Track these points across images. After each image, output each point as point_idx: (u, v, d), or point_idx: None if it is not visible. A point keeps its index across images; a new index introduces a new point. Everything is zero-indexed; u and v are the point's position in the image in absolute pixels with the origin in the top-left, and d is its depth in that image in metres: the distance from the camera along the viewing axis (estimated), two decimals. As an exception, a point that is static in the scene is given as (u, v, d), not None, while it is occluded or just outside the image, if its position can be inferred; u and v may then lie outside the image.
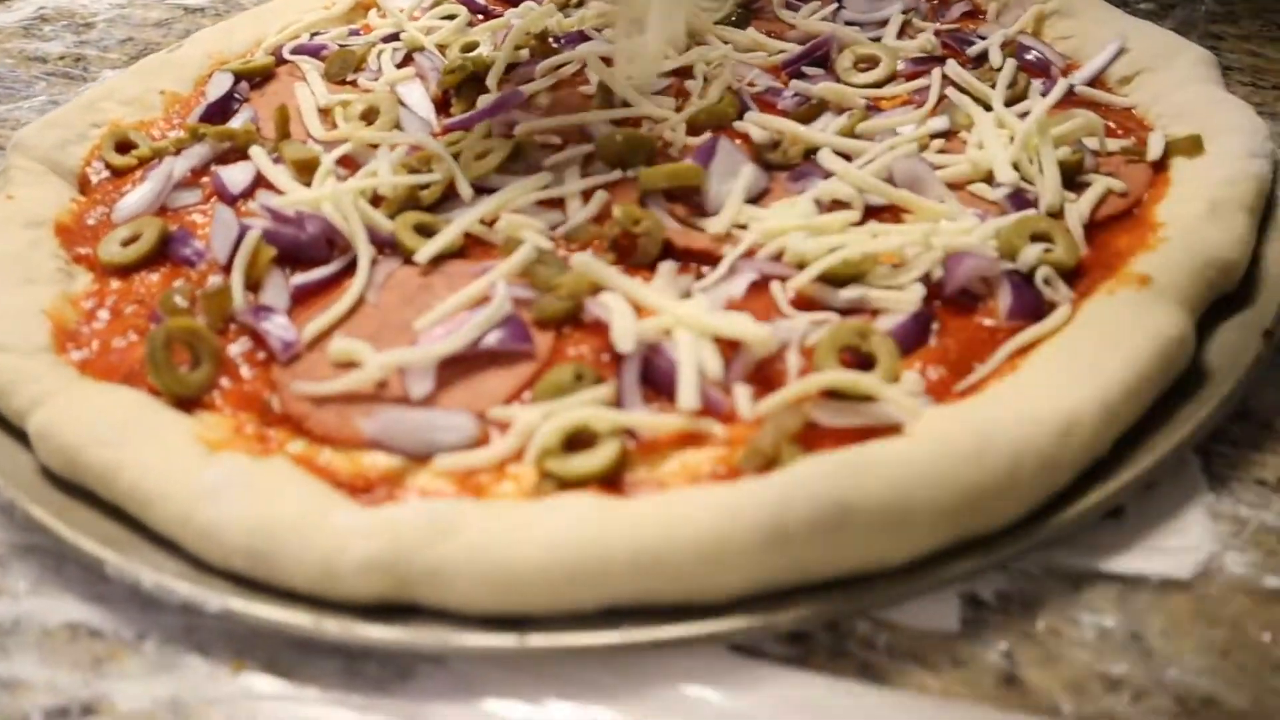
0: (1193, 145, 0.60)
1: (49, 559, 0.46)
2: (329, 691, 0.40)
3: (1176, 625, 0.40)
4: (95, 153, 0.71)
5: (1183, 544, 0.43)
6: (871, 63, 0.72)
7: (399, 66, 0.77)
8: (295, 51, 0.80)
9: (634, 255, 0.56)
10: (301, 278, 0.58)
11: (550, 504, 0.42)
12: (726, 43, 0.75)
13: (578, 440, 0.46)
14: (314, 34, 0.84)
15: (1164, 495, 0.45)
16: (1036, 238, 0.54)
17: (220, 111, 0.74)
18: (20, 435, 0.51)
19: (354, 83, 0.77)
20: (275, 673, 0.41)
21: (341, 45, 0.80)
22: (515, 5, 0.83)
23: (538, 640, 0.39)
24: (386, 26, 0.83)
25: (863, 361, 0.48)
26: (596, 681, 0.39)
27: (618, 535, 0.39)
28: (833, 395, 0.46)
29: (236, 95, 0.76)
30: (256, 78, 0.78)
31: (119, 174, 0.70)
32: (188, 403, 0.51)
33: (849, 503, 0.40)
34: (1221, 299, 0.53)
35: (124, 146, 0.71)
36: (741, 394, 0.47)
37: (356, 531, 0.41)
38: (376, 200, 0.61)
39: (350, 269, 0.58)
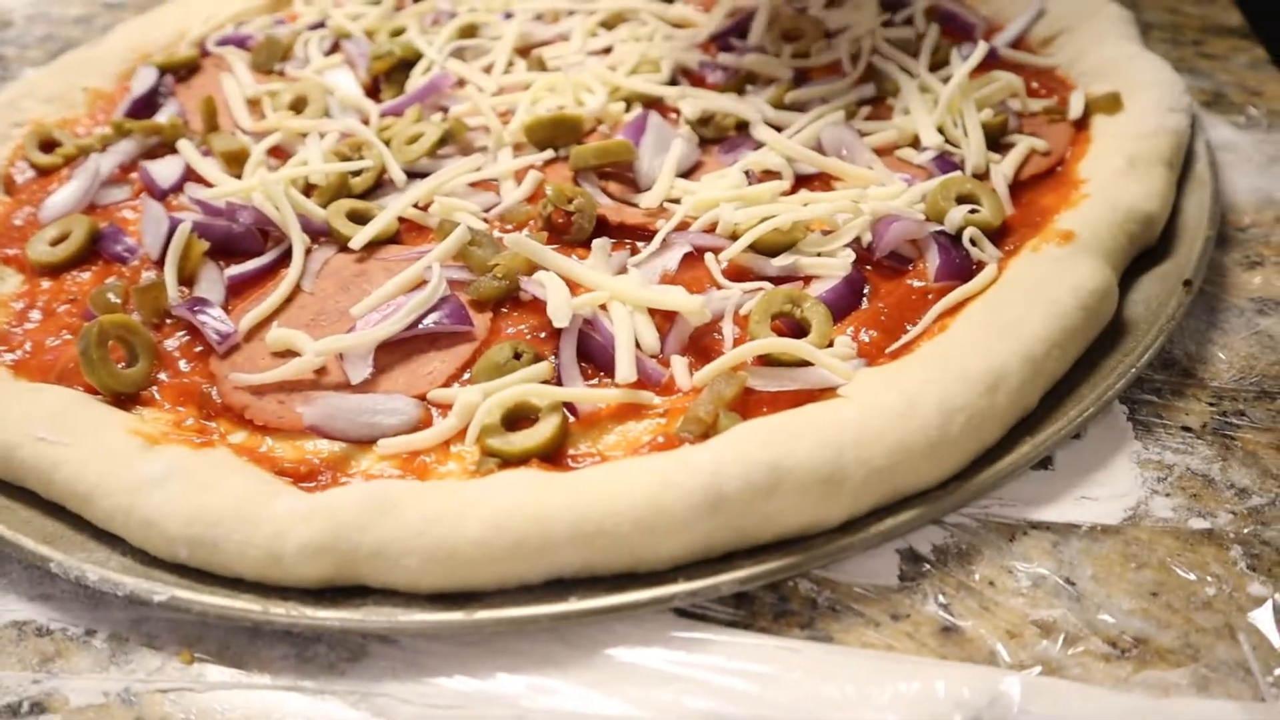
0: (1112, 102, 0.61)
1: (-9, 560, 0.46)
2: (280, 677, 0.40)
3: (1107, 570, 0.41)
4: (19, 153, 0.70)
5: (1111, 492, 0.44)
6: (797, 34, 0.73)
7: (327, 54, 0.77)
8: (221, 43, 0.80)
9: (569, 233, 0.56)
10: (236, 269, 0.57)
11: (490, 481, 0.42)
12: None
13: (519, 417, 0.46)
14: (239, 24, 0.83)
15: (1092, 445, 0.46)
16: (962, 199, 0.55)
17: (146, 106, 0.73)
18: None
19: (282, 73, 0.76)
20: (226, 661, 0.41)
21: (268, 35, 0.80)
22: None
23: (484, 614, 0.40)
24: (312, 14, 0.82)
25: (796, 328, 0.49)
26: (546, 653, 0.40)
27: (558, 507, 0.40)
28: (768, 361, 0.47)
29: (161, 89, 0.75)
30: (182, 70, 0.78)
31: (44, 173, 0.69)
32: (126, 399, 0.51)
33: (782, 465, 0.40)
34: (1143, 252, 0.54)
35: (48, 145, 0.70)
36: (678, 364, 0.48)
37: (297, 516, 0.41)
38: (309, 189, 0.61)
39: (285, 259, 0.57)
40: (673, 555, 0.40)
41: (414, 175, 0.62)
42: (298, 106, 0.70)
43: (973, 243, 0.53)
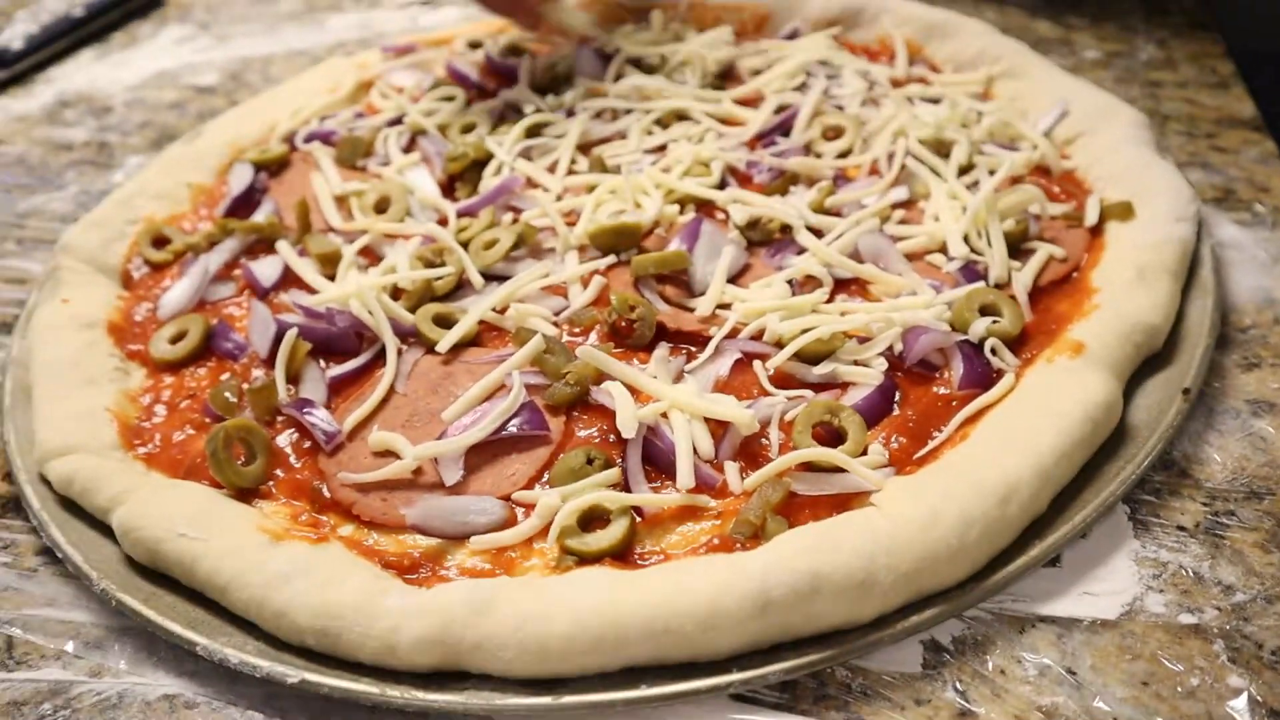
0: (1125, 210, 0.68)
1: (142, 639, 0.54)
2: (393, 749, 0.48)
3: (1104, 660, 0.48)
4: (134, 249, 0.78)
5: (1111, 588, 0.50)
6: (837, 132, 0.79)
7: (405, 150, 0.84)
8: (307, 139, 0.87)
9: (631, 337, 0.63)
10: (336, 370, 0.65)
11: (570, 578, 0.49)
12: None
13: (592, 518, 0.53)
14: (323, 119, 0.91)
15: (1095, 543, 0.52)
16: (985, 310, 0.61)
17: (244, 203, 0.81)
18: (102, 527, 0.58)
19: (364, 168, 0.84)
20: (346, 735, 0.48)
21: (350, 130, 0.87)
22: (508, 84, 0.89)
23: (570, 699, 0.47)
24: (390, 110, 0.89)
25: (834, 434, 0.56)
26: (619, 731, 0.47)
27: (632, 607, 0.47)
28: (809, 467, 0.54)
29: (257, 185, 0.83)
30: (274, 166, 0.86)
31: (157, 268, 0.77)
32: (247, 493, 0.58)
33: (821, 573, 0.47)
34: (1148, 358, 0.60)
35: (159, 241, 0.78)
36: (730, 470, 0.55)
37: (409, 612, 0.48)
38: (397, 293, 0.69)
39: (378, 358, 0.65)
40: (729, 648, 0.47)
41: (490, 277, 0.70)
42: (381, 206, 0.78)
43: (993, 351, 0.59)
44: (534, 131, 0.83)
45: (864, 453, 0.54)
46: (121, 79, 1.10)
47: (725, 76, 0.89)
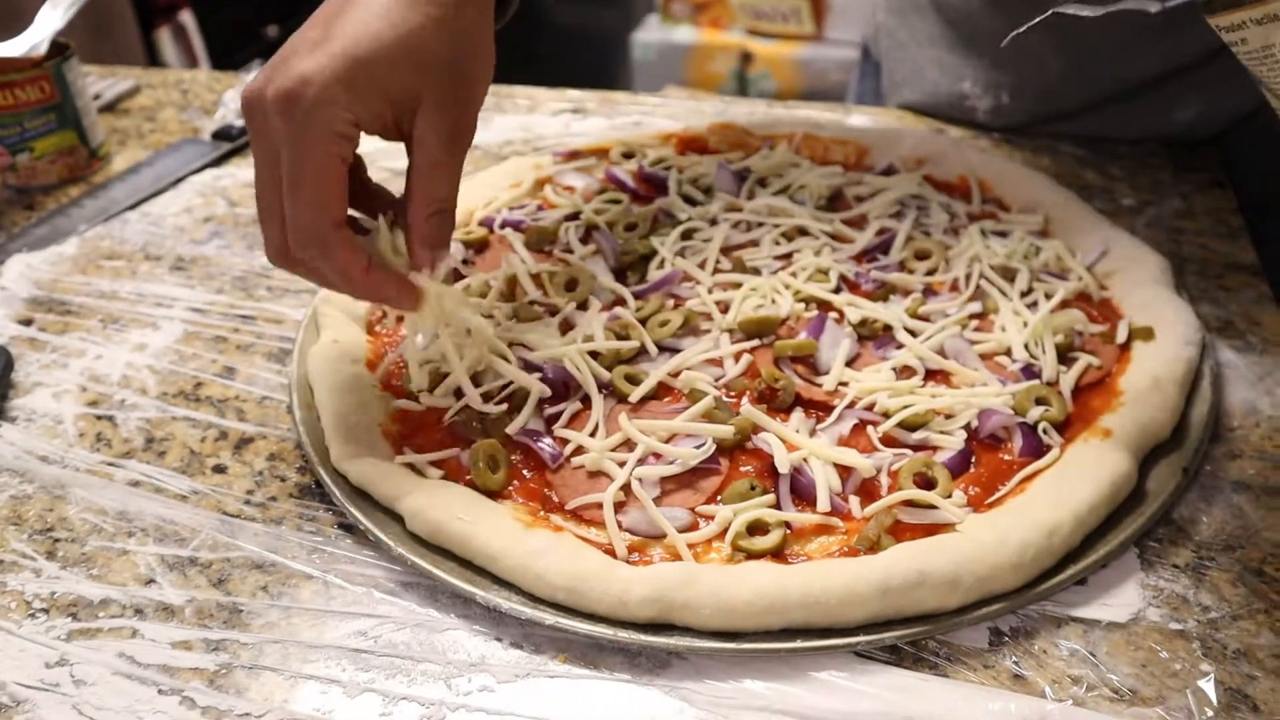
0: (1147, 333, 0.89)
1: (424, 591, 0.75)
2: (618, 674, 0.69)
3: (1116, 649, 0.68)
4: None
5: (1122, 602, 0.71)
6: (926, 254, 1.02)
7: (582, 241, 1.07)
8: (502, 225, 1.10)
9: (774, 401, 0.85)
10: (550, 410, 0.87)
11: (745, 567, 0.71)
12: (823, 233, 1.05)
13: (755, 527, 0.75)
14: (511, 209, 1.14)
15: (1112, 572, 0.73)
16: (1039, 401, 0.83)
17: (457, 274, 1.04)
18: (384, 511, 0.79)
19: (550, 252, 1.07)
20: (584, 664, 0.69)
21: (535, 220, 1.11)
22: (658, 191, 1.12)
23: (747, 645, 0.68)
24: (566, 206, 1.13)
25: (928, 482, 0.77)
26: (778, 670, 0.68)
27: (792, 586, 0.68)
28: (910, 504, 0.75)
29: (465, 259, 1.06)
30: (477, 245, 1.09)
31: (395, 320, 0.99)
32: (494, 494, 0.80)
33: (924, 571, 0.68)
34: (1159, 445, 0.82)
35: (394, 300, 1.01)
36: (853, 501, 0.76)
37: (636, 579, 0.69)
38: (593, 354, 0.91)
39: (580, 405, 0.87)
40: (856, 619, 0.68)
41: (661, 349, 0.92)
42: (570, 285, 1.00)
43: (1044, 431, 0.81)
44: (686, 234, 1.06)
45: (950, 496, 0.76)
46: (327, 158, 1.34)
47: (834, 199, 1.12)
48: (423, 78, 0.71)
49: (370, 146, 0.75)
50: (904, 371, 0.88)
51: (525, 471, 0.82)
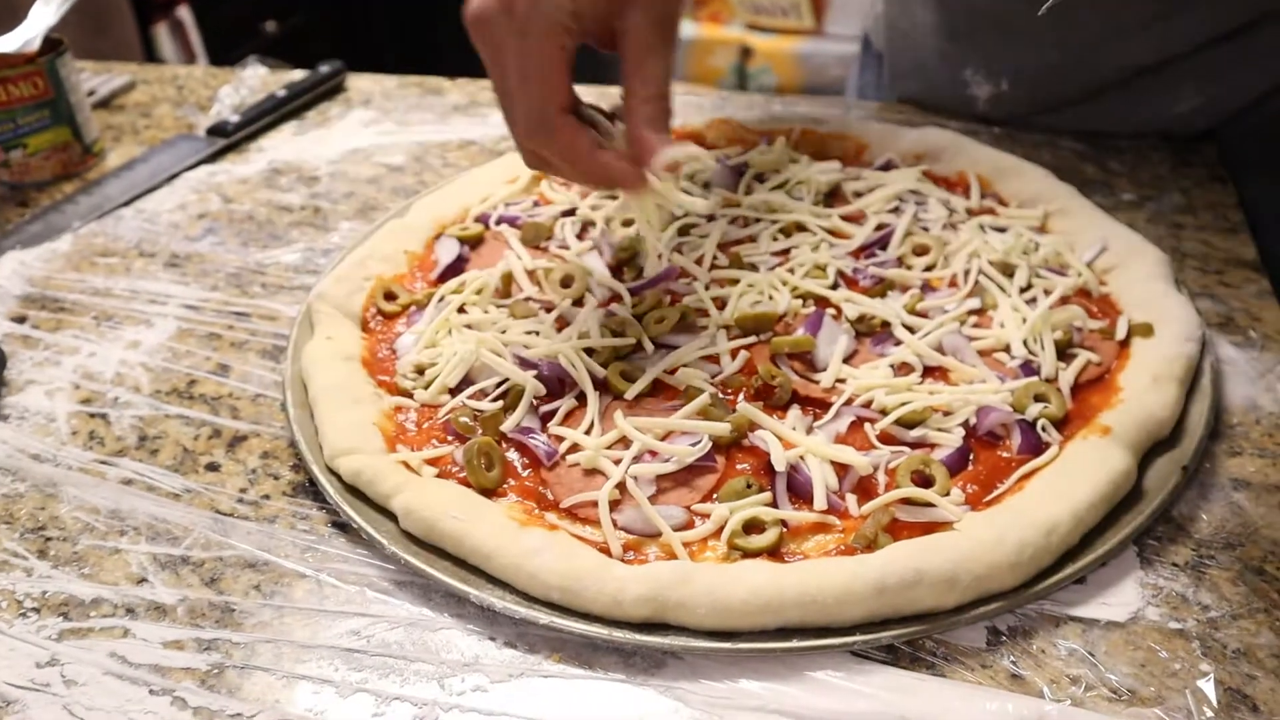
0: (1146, 330, 0.89)
1: (417, 590, 0.74)
2: (612, 673, 0.68)
3: (1114, 648, 0.68)
4: (370, 300, 1.00)
5: (1121, 600, 0.70)
6: (924, 250, 1.01)
7: (578, 237, 1.07)
8: (498, 222, 1.10)
9: (771, 398, 0.84)
10: (545, 407, 0.86)
11: (741, 565, 0.70)
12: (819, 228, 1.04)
13: (751, 525, 0.74)
14: (507, 204, 1.13)
15: (1111, 570, 0.72)
16: (1038, 398, 0.82)
17: (453, 271, 1.04)
18: (378, 509, 0.79)
19: (545, 248, 1.06)
20: (578, 663, 0.69)
21: (531, 216, 1.10)
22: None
23: (742, 645, 0.67)
24: (562, 202, 1.12)
25: (926, 480, 0.77)
26: (773, 670, 0.67)
27: (788, 585, 0.67)
28: (907, 502, 0.75)
29: (461, 255, 1.06)
30: (473, 241, 1.08)
31: (388, 317, 0.99)
32: (489, 493, 0.79)
33: (921, 570, 0.68)
34: (1158, 442, 0.81)
35: (389, 296, 1.00)
36: (850, 499, 0.76)
37: (631, 578, 0.69)
38: (588, 351, 0.90)
39: (575, 401, 0.86)
40: (853, 618, 0.67)
41: (658, 345, 0.91)
42: (566, 282, 1.00)
43: (1043, 429, 0.80)
44: (683, 230, 1.05)
45: (947, 494, 0.75)
46: (323, 153, 1.33)
47: (833, 195, 1.11)
48: None
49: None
50: (902, 368, 0.87)
51: (520, 469, 0.81)
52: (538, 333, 0.92)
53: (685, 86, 3.51)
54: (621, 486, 0.77)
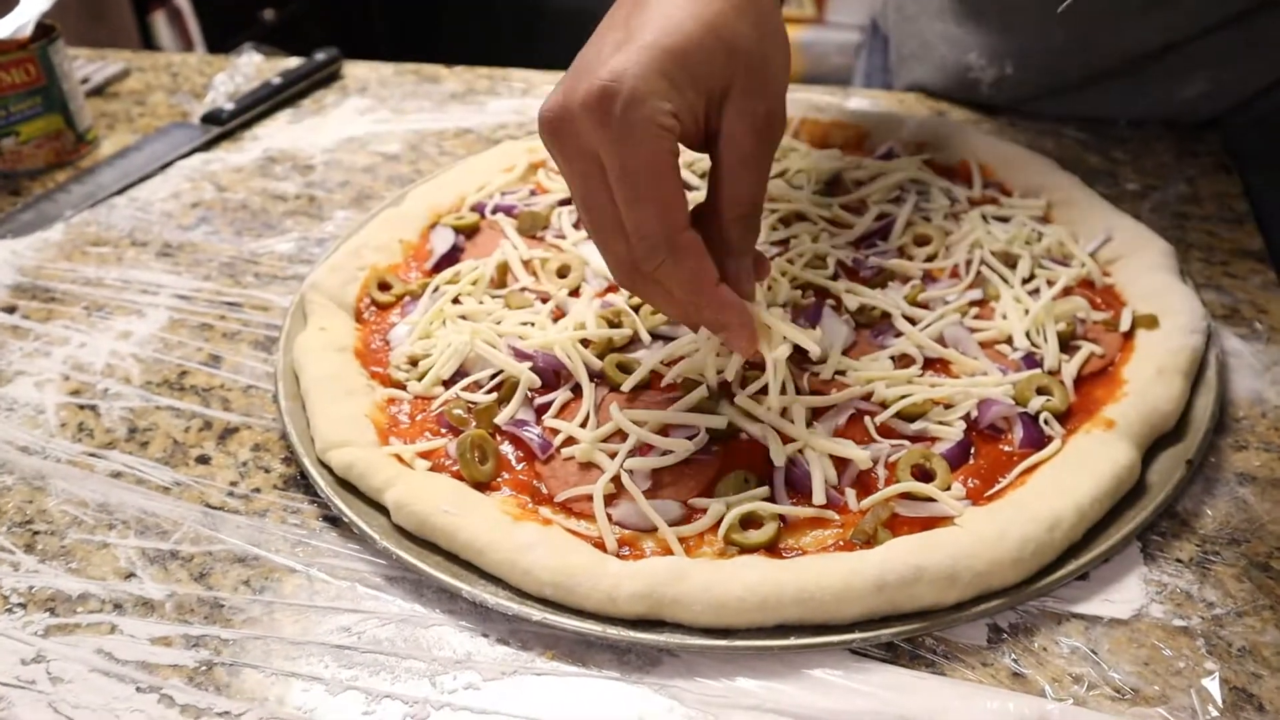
0: (1151, 321, 0.87)
1: (409, 586, 0.73)
2: (606, 671, 0.67)
3: (1118, 646, 0.67)
4: (364, 291, 0.99)
5: (1125, 597, 0.69)
6: (925, 239, 1.00)
7: (575, 226, 1.05)
8: (493, 211, 1.08)
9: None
10: (540, 400, 0.85)
11: (738, 561, 0.69)
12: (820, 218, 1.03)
13: (749, 520, 0.73)
14: (503, 193, 1.12)
15: (1114, 566, 0.71)
16: (1041, 390, 0.81)
17: (448, 260, 1.02)
18: (370, 503, 0.78)
19: (542, 238, 1.05)
20: (572, 661, 0.67)
21: (527, 205, 1.09)
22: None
23: (738, 643, 0.66)
24: (559, 191, 1.11)
25: (926, 474, 0.75)
26: (770, 668, 0.66)
27: (785, 581, 0.66)
28: (908, 496, 0.74)
29: (457, 245, 1.04)
30: (468, 231, 1.07)
31: (382, 308, 0.98)
32: (482, 486, 0.78)
33: (921, 566, 0.67)
34: (1162, 435, 0.80)
35: (383, 286, 0.99)
36: (849, 494, 0.75)
37: (626, 574, 0.68)
38: (585, 342, 0.89)
39: (571, 393, 0.85)
40: (852, 615, 0.66)
41: (655, 336, 0.90)
42: (562, 272, 0.98)
43: (1046, 422, 0.79)
44: (681, 222, 1.03)
45: (948, 488, 0.74)
46: (318, 142, 1.32)
47: (833, 184, 1.09)
48: (732, 64, 0.65)
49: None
50: (902, 360, 0.86)
51: (514, 462, 0.80)
52: (533, 323, 0.91)
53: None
54: (617, 480, 0.76)
